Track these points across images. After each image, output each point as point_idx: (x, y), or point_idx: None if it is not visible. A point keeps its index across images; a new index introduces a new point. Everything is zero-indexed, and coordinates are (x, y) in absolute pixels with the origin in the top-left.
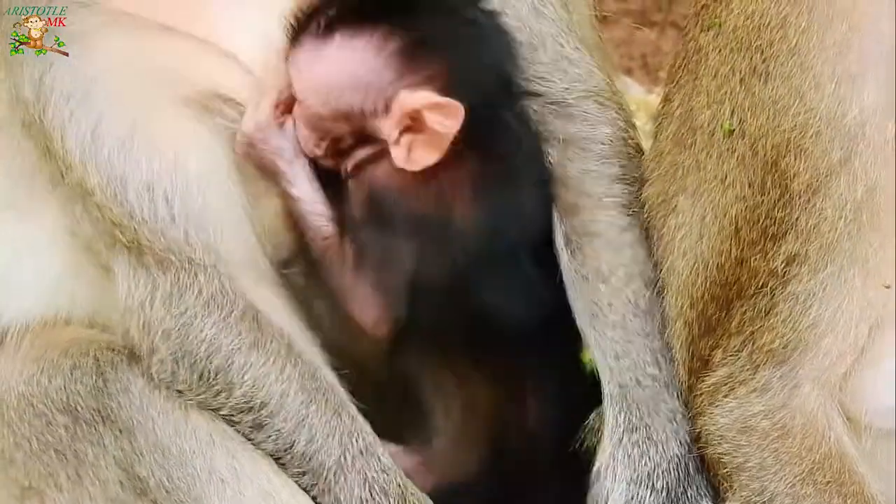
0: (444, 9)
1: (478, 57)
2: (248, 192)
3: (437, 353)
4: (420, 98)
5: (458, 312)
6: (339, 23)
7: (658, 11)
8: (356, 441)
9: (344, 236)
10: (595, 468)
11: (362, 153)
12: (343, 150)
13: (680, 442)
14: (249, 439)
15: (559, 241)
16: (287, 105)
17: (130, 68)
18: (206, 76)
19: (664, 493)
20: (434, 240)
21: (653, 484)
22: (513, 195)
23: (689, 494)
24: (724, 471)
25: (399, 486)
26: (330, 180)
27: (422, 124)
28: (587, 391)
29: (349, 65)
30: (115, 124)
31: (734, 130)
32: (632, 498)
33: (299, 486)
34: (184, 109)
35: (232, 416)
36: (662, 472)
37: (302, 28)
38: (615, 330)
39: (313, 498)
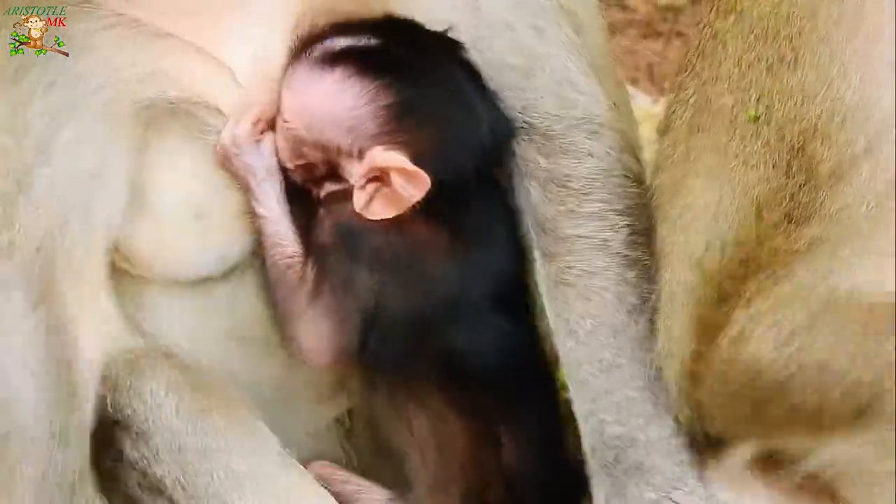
0: (448, 86)
1: (463, 142)
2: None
3: (405, 393)
4: (390, 158)
5: (423, 351)
6: (345, 59)
7: (664, 22)
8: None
9: (308, 258)
10: None
11: (333, 186)
12: (315, 177)
13: (654, 487)
14: None
15: (541, 287)
16: (268, 123)
17: (119, 67)
18: (195, 83)
19: None
20: (399, 278)
21: None
22: (478, 257)
23: None
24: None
25: None
26: (296, 198)
27: (387, 181)
28: (563, 428)
29: (339, 102)
30: (75, 113)
31: (760, 116)
32: None
33: None
34: (137, 114)
35: None
36: None
37: (307, 48)
38: (583, 390)
39: None
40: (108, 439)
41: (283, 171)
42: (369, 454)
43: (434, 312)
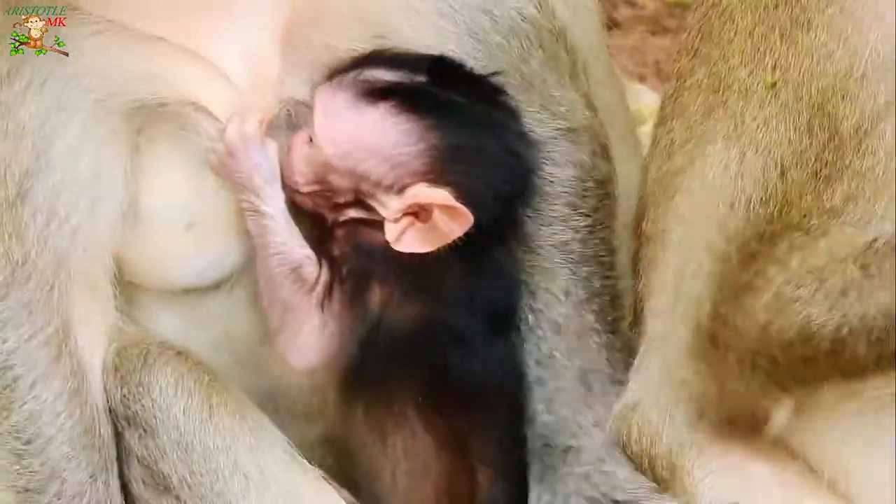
0: (491, 129)
1: (502, 184)
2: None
3: (385, 411)
4: (437, 195)
5: (415, 370)
6: (392, 95)
7: (671, 18)
8: None
9: (321, 264)
10: None
11: (355, 214)
12: (333, 204)
13: (582, 462)
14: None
15: None
16: (268, 127)
17: (109, 69)
18: (185, 84)
19: None
20: (409, 295)
21: None
22: (496, 289)
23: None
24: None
25: None
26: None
27: (427, 216)
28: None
29: (384, 138)
30: (68, 115)
31: (777, 83)
32: None
33: None
34: (129, 117)
35: (2, 435)
36: None
37: (343, 73)
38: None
39: None
40: (117, 433)
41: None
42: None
43: (435, 333)
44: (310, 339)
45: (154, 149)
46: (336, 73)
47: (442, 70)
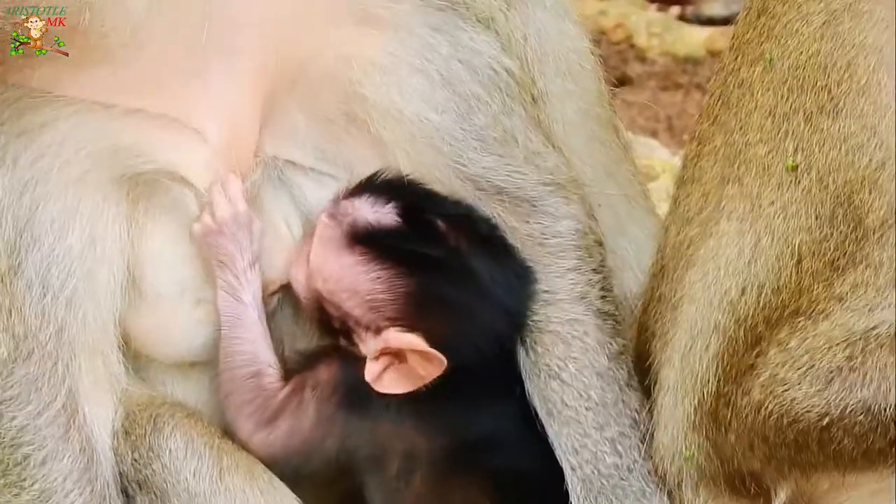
0: (466, 274)
1: (478, 328)
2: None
3: None
4: (407, 340)
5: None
6: (368, 240)
7: (683, 74)
8: None
9: (290, 377)
10: None
11: (343, 342)
12: (328, 323)
13: None
14: None
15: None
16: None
17: (84, 142)
18: (165, 153)
19: None
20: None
21: None
22: (481, 417)
23: None
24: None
25: None
26: None
27: (404, 358)
28: None
29: (358, 283)
30: (47, 188)
31: (798, 166)
32: None
33: None
34: (117, 188)
35: None
36: None
37: (348, 199)
38: (570, 426)
39: None
40: (128, 496)
41: None
42: None
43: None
44: (261, 443)
45: (151, 222)
46: (344, 194)
47: (417, 205)
